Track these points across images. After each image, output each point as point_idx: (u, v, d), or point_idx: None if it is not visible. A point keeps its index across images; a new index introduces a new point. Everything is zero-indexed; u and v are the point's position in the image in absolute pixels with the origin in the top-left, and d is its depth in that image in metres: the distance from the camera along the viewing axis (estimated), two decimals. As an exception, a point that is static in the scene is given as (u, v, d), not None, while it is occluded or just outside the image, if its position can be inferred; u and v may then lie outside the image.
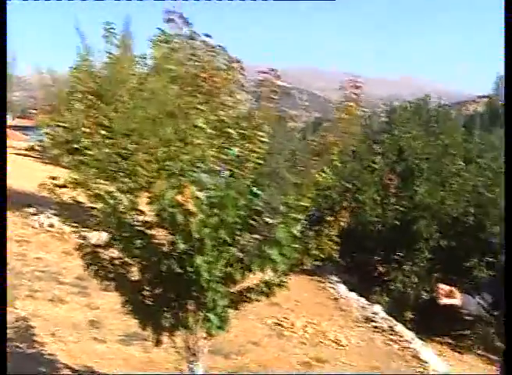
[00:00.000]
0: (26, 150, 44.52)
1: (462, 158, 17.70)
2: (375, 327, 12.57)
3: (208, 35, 5.72)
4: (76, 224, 6.03)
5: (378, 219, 16.49)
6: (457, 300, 5.29)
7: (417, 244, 15.96)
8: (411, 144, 17.87)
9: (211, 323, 5.26)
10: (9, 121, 57.59)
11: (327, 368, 9.59)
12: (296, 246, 5.47)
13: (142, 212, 5.56)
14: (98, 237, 6.23)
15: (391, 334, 12.11)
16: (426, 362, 10.67)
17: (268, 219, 5.37)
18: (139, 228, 5.47)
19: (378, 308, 13.89)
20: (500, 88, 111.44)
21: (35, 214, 16.33)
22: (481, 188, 16.26)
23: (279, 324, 11.44)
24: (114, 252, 5.69)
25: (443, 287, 5.30)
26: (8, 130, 20.39)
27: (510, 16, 5.16)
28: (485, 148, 19.26)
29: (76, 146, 5.52)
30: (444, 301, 5.29)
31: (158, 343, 5.74)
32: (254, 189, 5.44)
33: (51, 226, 15.38)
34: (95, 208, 5.53)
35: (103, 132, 5.93)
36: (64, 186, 6.23)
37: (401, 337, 11.97)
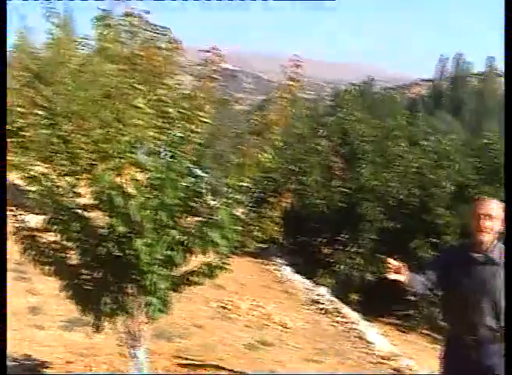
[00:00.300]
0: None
1: (406, 141, 17.80)
2: (321, 309, 12.60)
3: (147, 12, 5.55)
4: (12, 208, 5.83)
5: (322, 202, 16.49)
6: (404, 277, 5.25)
7: (361, 225, 16.01)
8: (356, 126, 17.90)
9: (153, 306, 5.18)
10: None
11: (273, 351, 9.55)
12: (238, 228, 5.40)
13: (80, 195, 5.42)
14: (36, 220, 6.05)
15: (336, 316, 12.16)
16: (371, 343, 10.71)
17: (209, 201, 5.28)
18: (77, 211, 5.33)
19: (323, 290, 13.93)
20: (443, 71, 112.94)
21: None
22: (425, 170, 16.39)
23: (224, 307, 11.36)
24: (52, 236, 5.53)
25: (392, 263, 5.27)
26: None
27: (510, 16, 5.17)
28: (429, 130, 19.42)
29: (9, 127, 5.29)
30: (392, 276, 5.26)
31: (98, 329, 5.62)
32: (196, 170, 5.35)
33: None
34: (32, 191, 5.38)
35: (40, 112, 5.73)
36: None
37: (347, 318, 12.02)
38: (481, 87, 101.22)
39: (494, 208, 5.54)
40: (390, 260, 5.23)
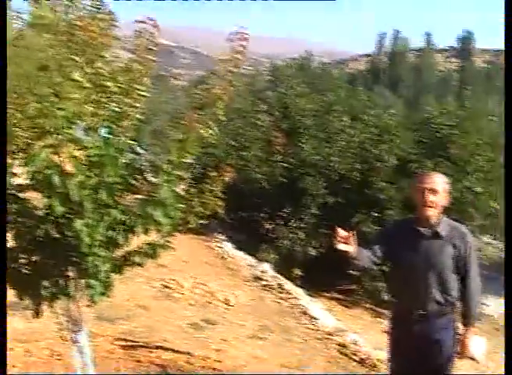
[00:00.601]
0: None
1: (347, 115, 17.78)
2: (264, 286, 12.52)
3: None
4: None
5: (263, 177, 16.36)
6: (353, 247, 5.23)
7: (303, 200, 15.96)
8: (296, 101, 17.78)
9: (94, 289, 4.98)
10: None
11: (217, 329, 9.45)
12: (181, 205, 5.23)
13: (15, 175, 5.16)
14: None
15: (280, 292, 12.10)
16: (316, 319, 10.69)
17: (150, 178, 5.10)
18: (12, 192, 5.08)
19: (266, 266, 13.85)
20: (381, 47, 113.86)
21: None
22: (366, 144, 16.40)
23: (167, 286, 11.19)
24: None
25: (341, 232, 5.19)
26: None
27: (510, 15, 5.17)
28: (369, 104, 19.41)
29: None
30: (340, 246, 5.20)
31: (38, 313, 5.40)
32: (135, 147, 5.14)
33: None
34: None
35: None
36: None
37: (290, 294, 11.97)
38: (419, 62, 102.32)
39: (438, 182, 5.56)
40: (339, 229, 5.16)
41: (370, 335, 12.82)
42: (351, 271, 14.09)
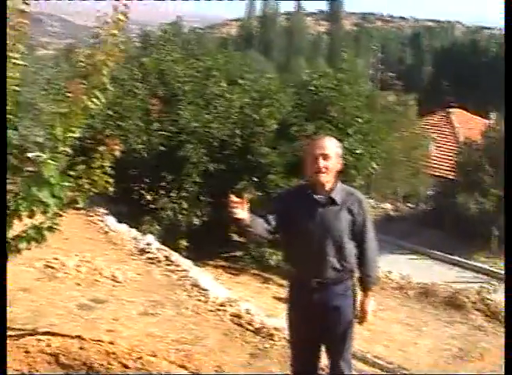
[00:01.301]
0: None
1: (225, 80, 17.49)
2: (151, 259, 12.13)
3: None
4: None
5: (143, 146, 15.83)
6: (247, 215, 5.03)
7: (184, 169, 15.58)
8: (172, 67, 17.29)
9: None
10: None
11: (107, 308, 9.07)
12: (68, 183, 4.84)
13: None
14: None
15: (168, 265, 11.75)
16: (206, 290, 10.44)
17: (33, 156, 4.66)
18: None
19: (151, 238, 13.46)
20: (251, 11, 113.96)
21: None
22: (246, 109, 16.19)
23: (50, 266, 10.62)
24: None
25: (234, 199, 4.98)
26: None
27: (510, 15, 5.33)
28: (246, 69, 19.16)
29: None
30: (236, 213, 5.00)
31: None
32: (13, 121, 4.69)
33: None
34: None
35: None
36: None
37: (178, 266, 11.64)
38: (289, 26, 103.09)
39: (330, 146, 5.44)
40: (232, 196, 4.95)
41: (261, 302, 12.78)
42: (239, 239, 13.99)
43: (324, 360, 5.90)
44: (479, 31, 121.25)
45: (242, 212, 4.98)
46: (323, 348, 5.79)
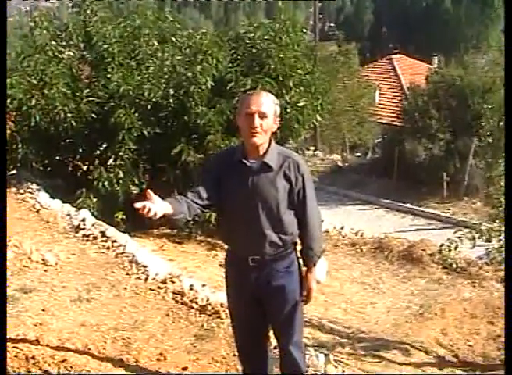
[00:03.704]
0: None
1: (156, 39, 16.44)
2: (85, 236, 11.24)
3: None
4: None
5: (72, 115, 14.74)
6: (163, 208, 4.53)
7: (118, 136, 14.58)
8: (100, 28, 16.09)
9: None
10: None
11: (37, 298, 8.25)
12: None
13: None
14: None
15: (104, 241, 10.88)
16: (145, 266, 9.64)
17: None
18: None
19: (86, 213, 12.54)
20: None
21: None
22: (179, 67, 15.22)
23: (-28, 253, 9.72)
24: None
25: (141, 204, 4.44)
26: None
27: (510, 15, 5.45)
28: (178, 26, 18.07)
29: None
30: (152, 214, 4.50)
31: None
32: None
33: None
34: None
35: None
36: None
37: (115, 242, 10.78)
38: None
39: (265, 103, 4.77)
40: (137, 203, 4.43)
41: (208, 273, 12.13)
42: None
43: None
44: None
45: (158, 208, 4.43)
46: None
